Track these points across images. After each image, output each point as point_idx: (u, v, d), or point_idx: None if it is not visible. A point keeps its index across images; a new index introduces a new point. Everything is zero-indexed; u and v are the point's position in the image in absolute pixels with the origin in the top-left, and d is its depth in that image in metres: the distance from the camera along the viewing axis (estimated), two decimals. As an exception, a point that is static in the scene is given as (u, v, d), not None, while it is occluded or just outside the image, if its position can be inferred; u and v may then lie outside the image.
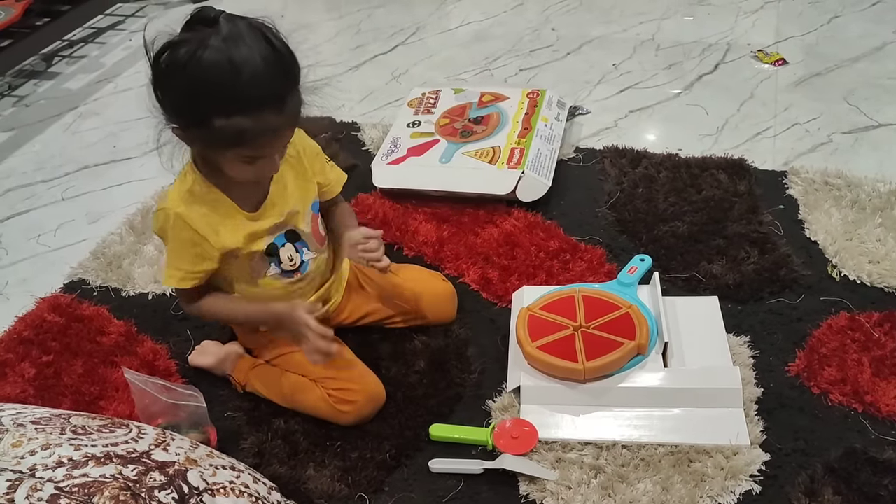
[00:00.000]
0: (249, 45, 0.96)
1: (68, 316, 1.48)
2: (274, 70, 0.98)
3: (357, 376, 1.22)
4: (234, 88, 0.96)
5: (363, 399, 1.20)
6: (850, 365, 1.23)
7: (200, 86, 0.97)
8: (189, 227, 1.11)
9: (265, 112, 0.99)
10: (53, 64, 2.53)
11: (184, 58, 0.95)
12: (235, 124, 0.98)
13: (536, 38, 2.36)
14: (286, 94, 1.01)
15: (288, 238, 1.20)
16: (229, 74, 0.95)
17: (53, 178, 1.96)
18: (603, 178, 1.71)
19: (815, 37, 2.19)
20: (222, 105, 0.97)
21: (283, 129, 1.04)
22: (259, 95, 0.98)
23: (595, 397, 1.20)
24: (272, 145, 1.06)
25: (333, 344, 1.15)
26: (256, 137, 1.01)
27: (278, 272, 1.21)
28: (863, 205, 1.54)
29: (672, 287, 1.41)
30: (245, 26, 0.98)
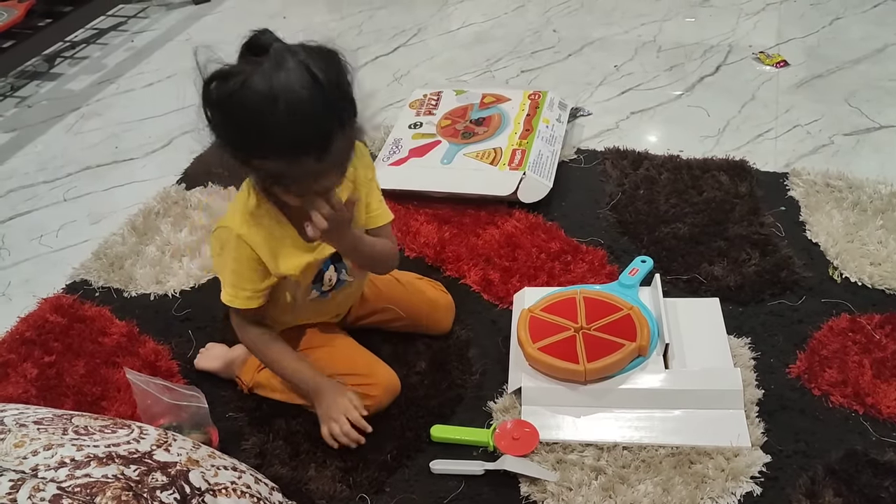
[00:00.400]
0: (292, 83, 0.90)
1: (70, 316, 1.48)
2: (315, 112, 0.91)
3: (374, 370, 1.23)
4: (269, 133, 0.92)
5: (382, 392, 1.21)
6: (851, 367, 1.23)
7: (240, 124, 0.94)
8: (250, 248, 1.09)
9: (302, 157, 0.94)
10: (55, 65, 2.54)
11: (227, 92, 0.92)
12: (273, 167, 0.96)
13: (538, 39, 2.36)
14: (328, 138, 0.94)
15: (333, 261, 1.19)
16: (266, 117, 0.91)
17: (55, 179, 1.96)
18: (604, 180, 1.71)
19: (817, 38, 2.20)
20: (259, 147, 0.95)
21: (324, 174, 0.98)
22: (296, 140, 0.93)
23: (596, 399, 1.20)
24: (314, 186, 1.00)
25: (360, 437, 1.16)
26: (295, 180, 0.98)
27: (318, 294, 1.21)
28: (864, 207, 1.54)
29: (673, 288, 1.41)
30: (294, 62, 0.90)
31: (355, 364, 1.24)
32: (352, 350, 1.27)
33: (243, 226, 1.08)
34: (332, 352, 1.26)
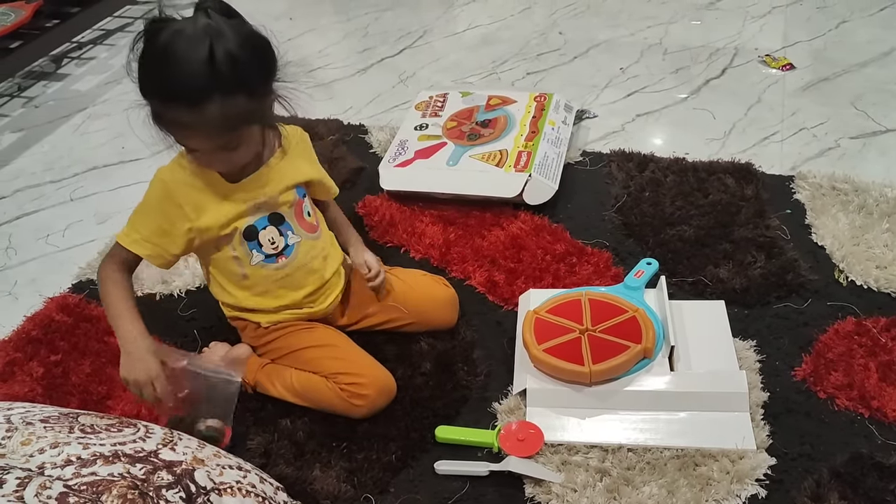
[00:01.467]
0: (190, 41, 1.00)
1: (76, 316, 1.49)
2: (194, 70, 1.00)
3: (366, 369, 1.24)
4: (152, 71, 1.02)
5: (374, 392, 1.21)
6: (857, 370, 1.23)
7: (141, 61, 1.03)
8: (170, 198, 1.15)
9: (172, 103, 1.03)
10: (62, 65, 2.55)
11: (146, 34, 1.02)
12: (155, 108, 1.05)
13: (544, 41, 2.36)
14: (200, 98, 1.01)
15: (271, 221, 1.21)
16: (156, 58, 1.01)
17: (62, 179, 1.97)
18: (610, 182, 1.71)
19: (823, 42, 2.19)
20: (145, 81, 1.04)
21: (192, 130, 1.06)
22: (169, 85, 1.02)
23: (601, 400, 1.20)
24: (193, 140, 1.08)
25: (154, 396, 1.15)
26: (169, 126, 1.06)
27: (262, 258, 1.22)
28: (870, 210, 1.53)
29: (679, 291, 1.41)
30: (203, 28, 1.00)
31: (348, 363, 1.24)
32: (345, 349, 1.27)
33: (169, 174, 1.17)
34: (325, 350, 1.26)
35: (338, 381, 1.21)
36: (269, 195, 1.20)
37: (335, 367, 1.22)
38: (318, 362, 1.24)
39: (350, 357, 1.25)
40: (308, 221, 1.27)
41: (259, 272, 1.23)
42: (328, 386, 1.22)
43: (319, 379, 1.23)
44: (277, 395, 1.28)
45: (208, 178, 1.16)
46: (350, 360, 1.24)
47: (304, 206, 1.26)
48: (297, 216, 1.24)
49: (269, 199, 1.20)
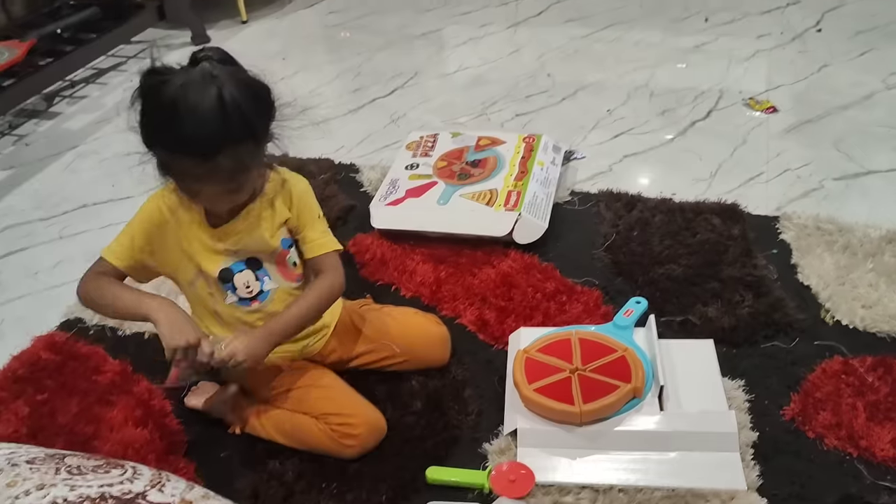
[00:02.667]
0: (199, 91, 1.00)
1: (64, 354, 1.48)
2: (206, 122, 1.00)
3: (356, 410, 1.23)
4: (165, 128, 1.03)
5: (365, 431, 1.21)
6: (845, 409, 1.23)
7: (148, 112, 1.04)
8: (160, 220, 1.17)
9: (184, 156, 1.04)
10: (54, 104, 2.56)
11: (150, 84, 1.03)
12: (163, 158, 1.06)
13: (532, 83, 2.40)
14: (213, 149, 1.02)
15: (248, 265, 1.21)
16: (167, 116, 1.01)
17: (52, 217, 1.97)
18: (598, 221, 1.73)
19: (806, 85, 2.24)
20: (153, 137, 1.05)
21: (209, 178, 1.06)
22: (180, 138, 1.02)
23: (591, 440, 1.20)
24: (198, 187, 1.09)
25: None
26: (178, 176, 1.08)
27: (235, 300, 1.22)
28: (854, 250, 1.56)
29: (667, 330, 1.42)
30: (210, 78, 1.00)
31: (337, 403, 1.23)
32: (334, 389, 1.27)
33: (162, 197, 1.18)
34: (315, 391, 1.26)
35: (328, 421, 1.21)
36: (245, 244, 1.19)
37: (325, 408, 1.22)
38: (308, 402, 1.24)
39: (340, 397, 1.25)
40: (292, 271, 1.25)
41: (231, 312, 1.23)
42: (318, 427, 1.21)
43: (309, 419, 1.23)
44: (266, 436, 1.27)
45: (191, 220, 1.17)
46: (340, 400, 1.24)
47: (290, 257, 1.24)
48: (278, 264, 1.23)
49: (246, 246, 1.20)
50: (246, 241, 1.19)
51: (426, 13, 3.00)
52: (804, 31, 2.56)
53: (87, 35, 2.57)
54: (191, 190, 1.11)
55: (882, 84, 2.20)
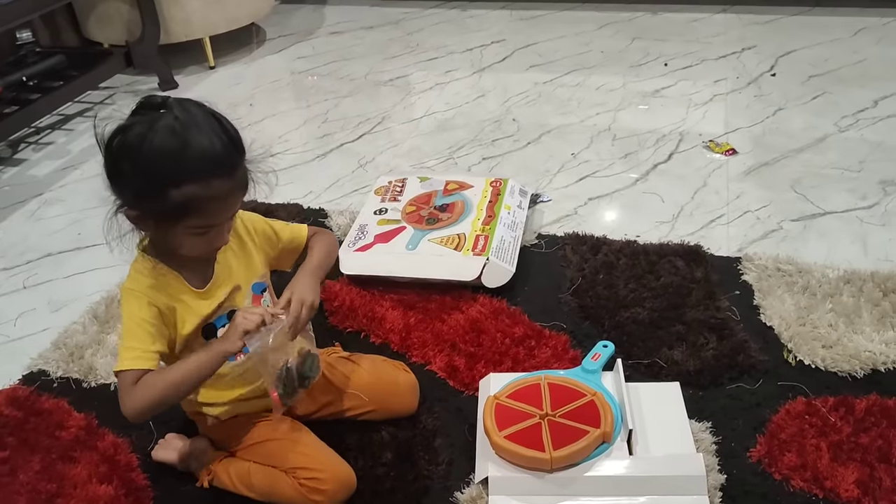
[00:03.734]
0: (198, 119, 1.04)
1: (26, 409, 1.45)
2: (221, 140, 1.05)
3: (326, 465, 1.21)
4: (185, 158, 1.02)
5: (334, 487, 1.19)
6: (809, 450, 1.25)
7: (153, 159, 1.02)
8: (146, 303, 1.13)
9: (214, 180, 1.04)
10: (19, 150, 2.54)
11: (137, 137, 1.02)
12: (187, 192, 1.03)
13: (498, 128, 2.44)
14: (235, 163, 1.07)
15: (230, 318, 1.20)
16: (180, 146, 1.02)
17: (15, 266, 1.94)
18: (565, 265, 1.75)
19: (762, 128, 2.31)
20: (174, 175, 1.02)
21: (231, 196, 1.09)
22: (208, 164, 1.03)
23: (562, 487, 1.20)
24: (222, 213, 1.10)
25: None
26: (207, 205, 1.06)
27: None
28: (813, 290, 1.60)
29: (635, 373, 1.44)
30: (193, 105, 1.06)
31: (307, 457, 1.21)
32: (304, 443, 1.25)
33: (140, 284, 1.14)
34: (284, 444, 1.24)
35: (297, 475, 1.19)
36: (226, 294, 1.19)
37: (294, 462, 1.21)
38: (277, 456, 1.22)
39: (309, 451, 1.23)
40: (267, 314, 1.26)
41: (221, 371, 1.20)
42: (287, 481, 1.20)
43: (279, 473, 1.21)
44: (234, 489, 1.25)
45: (175, 287, 1.16)
46: (309, 454, 1.23)
47: (264, 301, 1.26)
48: None
49: (228, 297, 1.20)
50: (224, 293, 1.19)
51: (392, 59, 3.05)
52: (759, 75, 2.65)
53: (54, 82, 2.56)
54: (203, 226, 1.08)
55: (834, 127, 2.27)
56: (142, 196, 1.05)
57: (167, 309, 1.15)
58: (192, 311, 1.17)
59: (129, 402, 1.10)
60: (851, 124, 2.28)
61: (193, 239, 1.10)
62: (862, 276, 1.63)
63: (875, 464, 1.22)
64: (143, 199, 1.05)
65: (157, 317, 1.14)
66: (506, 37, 3.17)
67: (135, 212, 1.07)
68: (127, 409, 1.10)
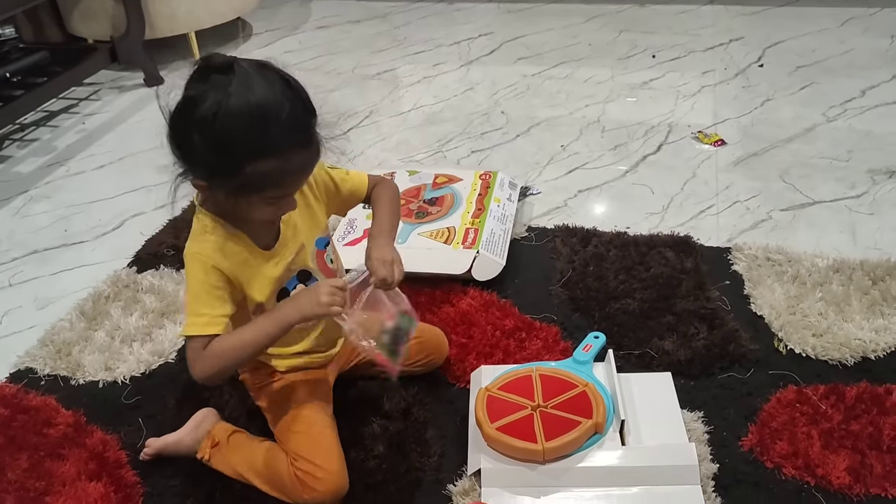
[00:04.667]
0: (269, 87, 0.98)
1: (13, 407, 1.43)
2: (294, 108, 0.99)
3: (327, 462, 1.17)
4: (261, 134, 0.97)
5: (325, 488, 1.16)
6: (801, 438, 1.26)
7: (230, 137, 0.97)
8: (211, 268, 1.09)
9: (294, 151, 1.01)
10: (4, 147, 2.52)
11: (209, 111, 0.96)
12: (267, 168, 0.99)
13: (486, 120, 2.44)
14: (309, 129, 1.03)
15: (300, 279, 1.20)
16: (255, 121, 0.96)
17: (1, 264, 1.92)
18: (555, 257, 1.75)
19: (751, 119, 2.32)
20: (251, 153, 0.98)
21: (309, 165, 1.06)
22: (288, 136, 0.99)
23: (555, 478, 1.20)
24: (299, 182, 1.08)
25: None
26: (285, 177, 1.03)
27: None
28: (803, 280, 1.60)
29: (626, 364, 1.44)
30: (261, 69, 1.00)
31: (314, 448, 1.19)
32: (319, 431, 1.22)
33: (204, 247, 1.10)
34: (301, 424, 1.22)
35: (295, 463, 1.18)
36: (294, 253, 1.17)
37: (300, 448, 1.19)
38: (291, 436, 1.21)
39: (321, 443, 1.20)
40: (330, 269, 1.25)
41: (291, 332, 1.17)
42: (286, 467, 1.19)
43: (282, 457, 1.20)
44: (229, 467, 1.25)
45: (244, 250, 1.13)
46: (320, 445, 1.19)
47: (327, 255, 1.24)
48: (321, 268, 1.23)
49: (296, 257, 1.17)
50: (292, 251, 1.17)
51: (379, 53, 3.03)
52: (747, 66, 2.65)
53: (37, 79, 2.53)
54: (278, 196, 1.05)
55: (822, 117, 2.28)
56: (216, 172, 1.01)
57: (233, 271, 1.11)
58: (260, 273, 1.14)
59: (199, 368, 1.08)
60: (839, 114, 2.29)
61: (265, 208, 1.06)
62: (851, 264, 1.63)
63: (866, 451, 1.23)
64: (216, 175, 1.01)
65: (224, 279, 1.10)
66: (493, 29, 3.16)
67: (205, 183, 1.03)
68: (198, 374, 1.08)
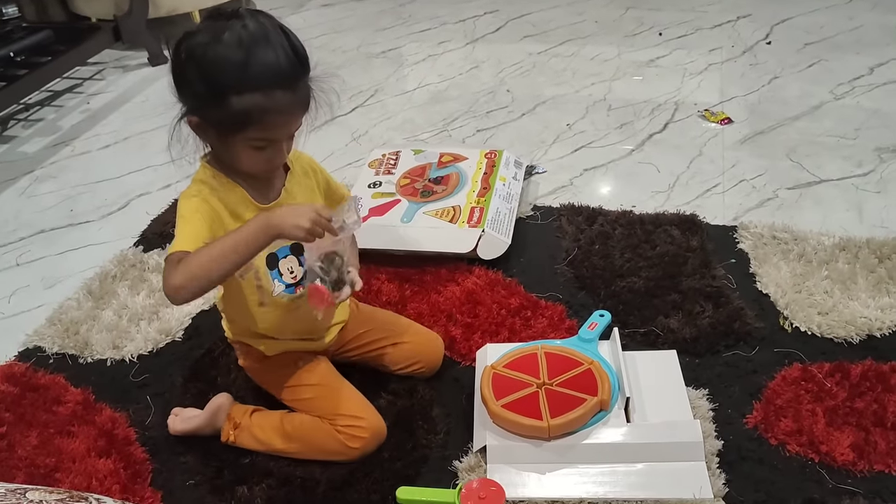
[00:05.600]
0: (267, 31, 1.04)
1: (23, 385, 1.45)
2: (288, 54, 1.05)
3: (364, 412, 1.24)
4: (248, 66, 1.03)
5: (370, 435, 1.23)
6: (805, 415, 1.26)
7: (218, 64, 1.03)
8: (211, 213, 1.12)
9: (277, 91, 1.05)
10: (9, 127, 2.52)
11: (203, 41, 1.04)
12: (248, 101, 1.04)
13: (492, 99, 2.43)
14: (298, 77, 1.07)
15: (292, 250, 1.22)
16: (245, 54, 1.03)
17: (8, 244, 1.93)
18: (560, 236, 1.75)
19: (757, 97, 2.30)
20: (237, 83, 1.03)
21: (293, 111, 1.09)
22: (272, 74, 1.04)
23: (560, 455, 1.21)
24: (282, 127, 1.10)
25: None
26: (268, 116, 1.06)
27: (283, 288, 1.22)
28: (809, 258, 1.60)
29: (631, 342, 1.44)
30: (264, 17, 1.07)
31: (348, 405, 1.25)
32: (346, 390, 1.28)
33: (201, 191, 1.13)
34: (325, 390, 1.27)
35: (335, 422, 1.22)
36: None
37: (335, 409, 1.23)
38: (316, 401, 1.25)
39: (352, 399, 1.26)
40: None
41: (277, 301, 1.23)
42: (324, 427, 1.22)
43: (317, 420, 1.24)
44: (258, 442, 1.27)
45: (237, 199, 1.15)
46: (351, 401, 1.25)
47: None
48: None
49: None
50: None
51: (384, 31, 3.02)
52: (754, 44, 2.63)
53: (42, 58, 2.52)
54: (262, 139, 1.08)
55: (830, 95, 2.26)
56: (204, 102, 1.06)
57: (226, 219, 1.14)
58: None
59: (169, 280, 1.05)
60: (847, 91, 2.27)
61: (252, 153, 1.10)
62: (857, 242, 1.63)
63: (870, 428, 1.23)
64: (205, 106, 1.07)
65: (213, 217, 1.12)
66: (499, 7, 3.14)
67: (196, 118, 1.09)
68: (167, 288, 1.06)
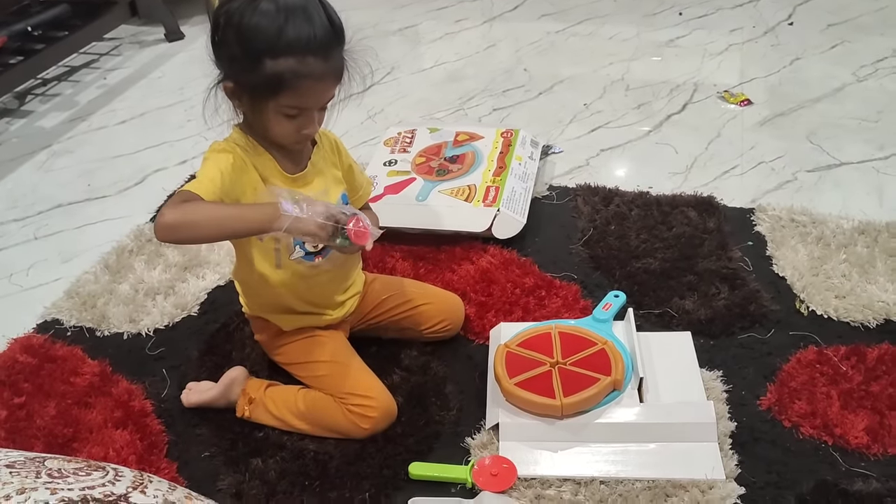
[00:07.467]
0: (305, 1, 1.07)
1: (41, 357, 1.46)
2: (323, 23, 1.07)
3: (374, 392, 1.25)
4: (284, 31, 1.05)
5: (380, 414, 1.24)
6: (820, 398, 1.26)
7: (254, 29, 1.06)
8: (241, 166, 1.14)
9: (310, 57, 1.07)
10: (26, 102, 2.53)
11: (242, 7, 1.06)
12: (282, 65, 1.06)
13: (509, 78, 2.41)
14: (332, 46, 1.09)
15: None
16: (282, 20, 1.05)
17: (26, 217, 1.94)
18: (576, 216, 1.74)
19: (778, 78, 2.27)
20: (271, 47, 1.05)
21: (325, 80, 1.10)
22: (307, 40, 1.06)
23: (573, 433, 1.21)
24: (314, 95, 1.11)
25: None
26: (300, 81, 1.07)
27: (302, 254, 1.23)
28: (827, 241, 1.58)
29: (646, 322, 1.44)
30: None
31: (359, 383, 1.26)
32: (357, 369, 1.29)
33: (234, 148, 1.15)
34: (337, 367, 1.28)
35: (346, 401, 1.23)
36: (317, 191, 1.21)
37: (345, 387, 1.25)
38: (328, 379, 1.27)
39: (361, 378, 1.27)
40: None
41: (294, 266, 1.24)
42: (335, 406, 1.24)
43: (328, 398, 1.25)
44: (272, 417, 1.28)
45: (266, 165, 1.18)
46: (361, 380, 1.27)
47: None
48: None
49: (318, 195, 1.20)
50: (318, 186, 1.22)
51: (401, 9, 3.00)
52: (776, 24, 2.59)
53: (58, 33, 2.53)
54: (294, 107, 1.10)
55: (853, 77, 2.23)
56: (240, 66, 1.08)
57: (252, 180, 1.15)
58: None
59: (165, 214, 1.04)
60: (870, 73, 2.24)
61: (283, 121, 1.12)
62: (877, 226, 1.61)
63: (885, 411, 1.23)
64: (240, 70, 1.09)
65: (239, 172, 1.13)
66: (517, -15, 3.11)
67: (232, 84, 1.11)
68: (159, 219, 1.05)
